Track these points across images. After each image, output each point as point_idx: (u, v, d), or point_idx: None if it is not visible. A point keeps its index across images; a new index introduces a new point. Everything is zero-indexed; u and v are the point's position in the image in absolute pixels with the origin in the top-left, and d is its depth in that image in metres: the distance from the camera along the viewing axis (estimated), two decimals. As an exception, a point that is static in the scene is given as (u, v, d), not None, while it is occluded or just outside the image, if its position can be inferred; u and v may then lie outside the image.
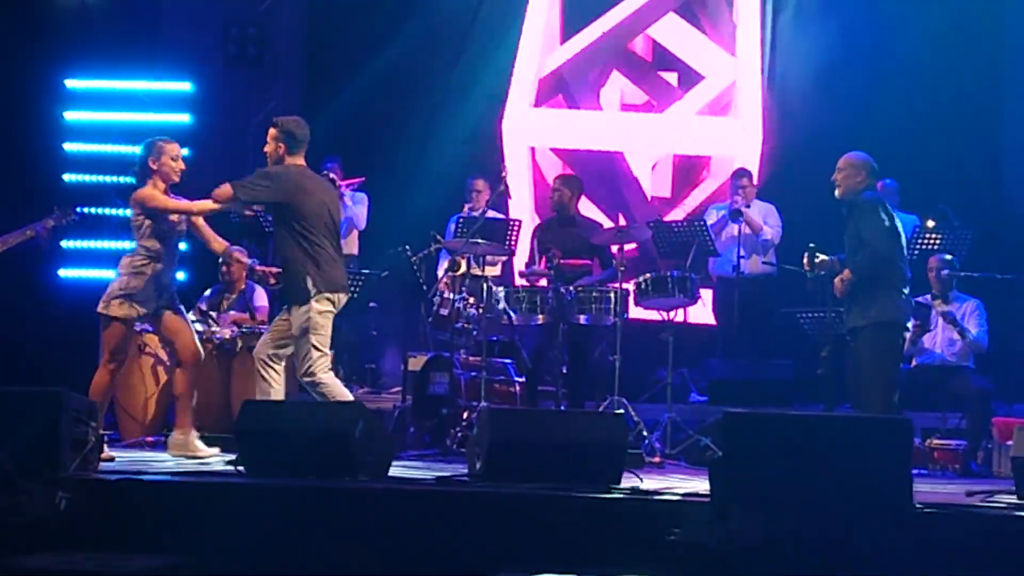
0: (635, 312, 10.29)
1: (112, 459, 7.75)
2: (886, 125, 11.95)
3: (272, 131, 7.99)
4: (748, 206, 11.31)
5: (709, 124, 13.05)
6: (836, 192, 8.63)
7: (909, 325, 9.14)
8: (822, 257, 8.72)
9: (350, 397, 8.01)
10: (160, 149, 8.31)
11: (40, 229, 8.97)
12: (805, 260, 8.81)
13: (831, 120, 12.20)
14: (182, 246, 11.09)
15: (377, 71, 12.67)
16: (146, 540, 6.18)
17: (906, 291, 8.56)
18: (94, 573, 5.67)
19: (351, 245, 11.67)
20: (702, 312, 11.45)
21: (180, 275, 11.09)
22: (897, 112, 12.01)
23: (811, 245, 8.82)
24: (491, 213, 10.91)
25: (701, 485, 6.69)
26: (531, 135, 13.11)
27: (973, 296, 10.15)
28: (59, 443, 6.56)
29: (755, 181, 11.80)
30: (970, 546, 5.90)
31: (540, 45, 13.13)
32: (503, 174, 10.32)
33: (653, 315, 10.26)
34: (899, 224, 8.55)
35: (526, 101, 13.04)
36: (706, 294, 11.42)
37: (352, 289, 10.01)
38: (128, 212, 8.43)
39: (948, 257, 10.20)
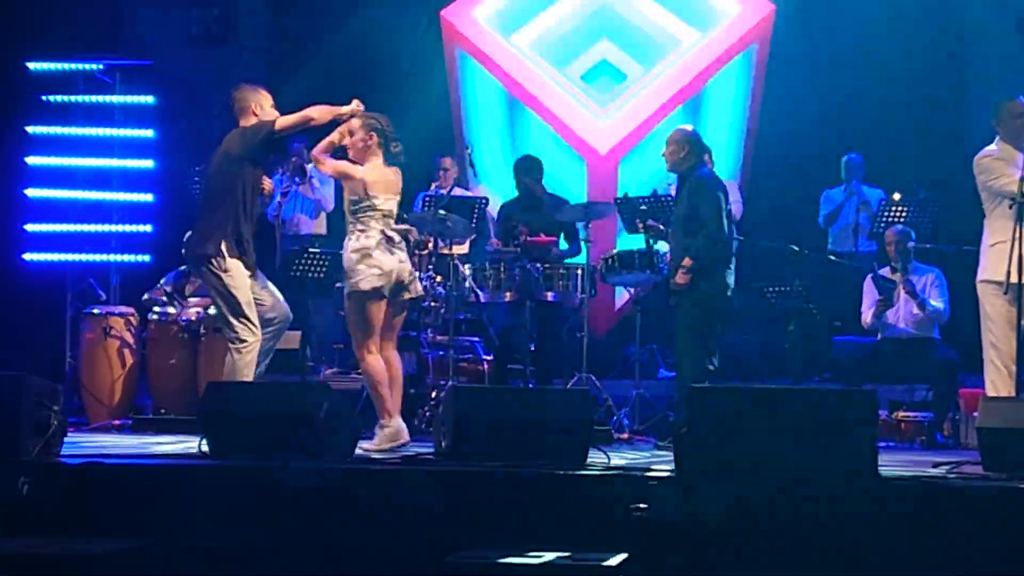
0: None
1: None
2: (850, 99, 11.97)
3: None
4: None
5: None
6: (667, 167, 8.99)
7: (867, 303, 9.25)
8: (651, 223, 9.29)
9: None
10: None
11: None
12: (640, 226, 9.29)
13: (795, 95, 12.19)
14: (147, 228, 11.12)
15: (341, 49, 12.62)
16: (110, 524, 6.15)
17: (731, 267, 8.81)
18: (57, 557, 5.65)
19: (320, 225, 11.68)
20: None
21: (145, 258, 11.09)
22: (861, 85, 12.01)
23: (646, 221, 9.28)
24: (458, 191, 10.89)
25: (669, 461, 6.69)
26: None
27: (931, 267, 10.16)
28: (20, 427, 6.52)
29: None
30: (936, 517, 5.91)
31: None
32: (467, 151, 10.30)
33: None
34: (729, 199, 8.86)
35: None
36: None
37: (319, 270, 10.04)
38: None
39: (907, 229, 10.21)
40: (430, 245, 9.99)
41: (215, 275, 7.84)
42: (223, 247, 7.79)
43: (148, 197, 11.05)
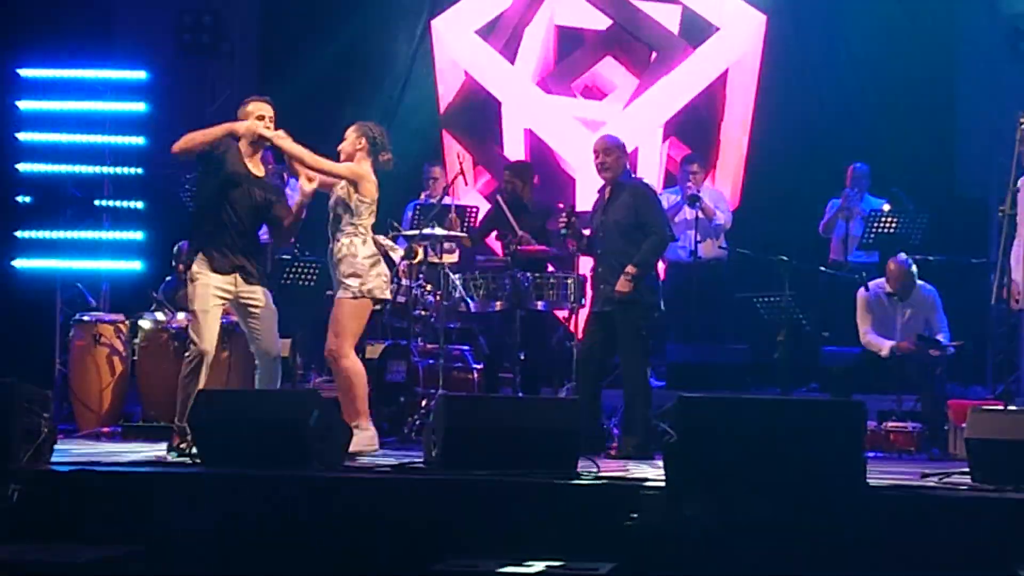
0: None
1: None
2: (839, 109, 11.98)
3: None
4: (699, 191, 11.32)
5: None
6: (606, 175, 8.83)
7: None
8: (575, 220, 9.07)
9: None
10: None
11: None
12: (563, 219, 9.02)
13: (782, 105, 12.21)
14: (138, 235, 11.12)
15: (332, 57, 12.62)
16: (100, 531, 6.15)
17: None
18: (46, 564, 5.65)
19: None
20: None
21: (137, 265, 11.08)
22: (850, 96, 12.03)
23: (569, 209, 9.09)
24: (447, 199, 10.89)
25: (658, 470, 6.70)
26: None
27: (930, 286, 10.10)
28: (11, 434, 6.52)
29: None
30: (924, 528, 5.94)
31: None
32: (459, 161, 10.31)
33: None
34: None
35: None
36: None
37: (310, 278, 10.05)
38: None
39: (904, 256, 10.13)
40: (420, 254, 9.99)
41: (185, 281, 8.04)
42: (196, 255, 7.90)
43: (138, 204, 11.06)
